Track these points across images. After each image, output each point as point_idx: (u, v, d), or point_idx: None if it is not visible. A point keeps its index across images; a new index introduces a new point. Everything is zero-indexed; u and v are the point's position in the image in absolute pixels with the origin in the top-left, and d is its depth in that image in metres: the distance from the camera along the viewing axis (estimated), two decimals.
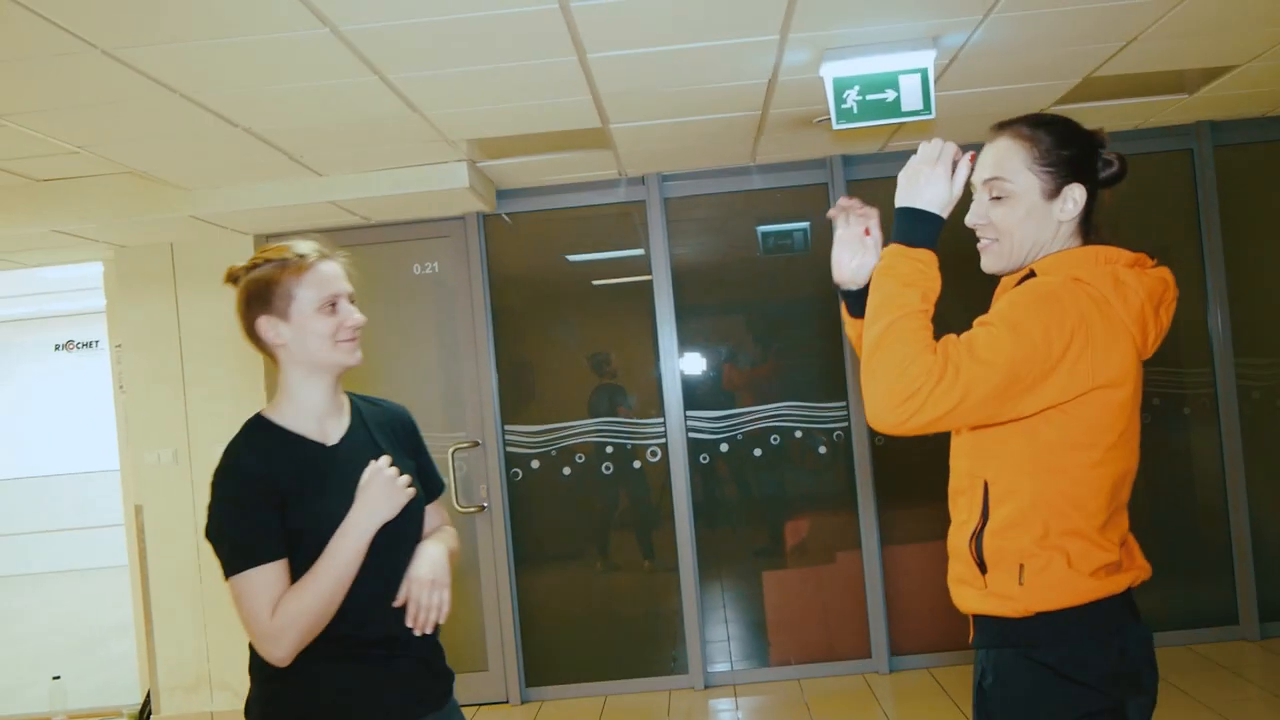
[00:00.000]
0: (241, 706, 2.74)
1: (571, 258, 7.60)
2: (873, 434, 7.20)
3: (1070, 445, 2.37)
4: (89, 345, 13.13)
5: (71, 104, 4.68)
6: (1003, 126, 2.56)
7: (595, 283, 7.71)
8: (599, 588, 7.57)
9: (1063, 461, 2.38)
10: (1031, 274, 2.46)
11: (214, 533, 2.63)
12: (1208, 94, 6.23)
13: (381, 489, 2.64)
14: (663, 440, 7.28)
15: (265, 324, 2.70)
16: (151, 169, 5.87)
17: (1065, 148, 2.49)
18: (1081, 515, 2.39)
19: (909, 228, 2.46)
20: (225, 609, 7.14)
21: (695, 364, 7.37)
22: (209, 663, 7.30)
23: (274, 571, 2.57)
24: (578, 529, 7.54)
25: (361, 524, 2.61)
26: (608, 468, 7.34)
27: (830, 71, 5.10)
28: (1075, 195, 2.48)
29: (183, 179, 6.14)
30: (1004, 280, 2.56)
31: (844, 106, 5.15)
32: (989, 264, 2.60)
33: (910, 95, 5.13)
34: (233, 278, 2.78)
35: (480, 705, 7.11)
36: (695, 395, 7.33)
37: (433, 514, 2.94)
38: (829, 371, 7.30)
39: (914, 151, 2.48)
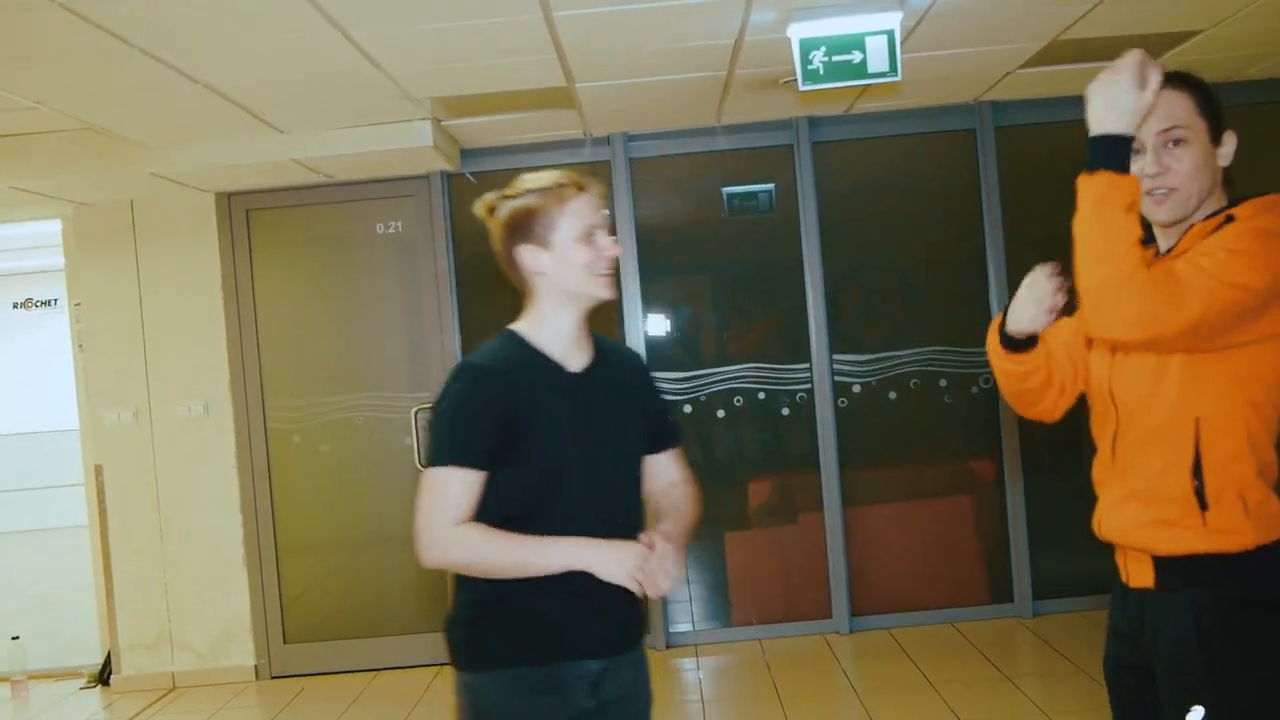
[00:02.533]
0: (201, 666, 2.74)
1: None
2: (835, 395, 7.22)
3: (1271, 384, 2.47)
4: (48, 304, 13.01)
5: (29, 58, 4.61)
6: (1166, 77, 2.52)
7: None
8: None
9: (1266, 398, 2.47)
10: (1230, 219, 2.48)
11: (435, 419, 2.71)
12: (1172, 59, 6.24)
13: (625, 562, 2.65)
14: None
15: (526, 252, 2.75)
16: (111, 125, 5.80)
17: (1214, 98, 2.57)
18: (1274, 453, 2.50)
19: (1109, 151, 2.39)
20: (186, 569, 7.15)
21: (659, 325, 7.36)
22: (170, 622, 7.27)
23: (466, 478, 2.63)
24: None
25: (582, 558, 2.64)
26: None
27: (797, 32, 5.08)
28: (1232, 141, 2.57)
29: (143, 135, 6.06)
30: (1193, 232, 2.53)
31: (810, 67, 5.13)
32: (1166, 214, 2.57)
33: (876, 57, 5.12)
34: (490, 209, 2.84)
35: (444, 664, 7.10)
36: (659, 356, 7.32)
37: (670, 465, 3.00)
38: (793, 333, 7.31)
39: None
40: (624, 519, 2.80)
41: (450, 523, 2.61)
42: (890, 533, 7.36)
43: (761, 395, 7.34)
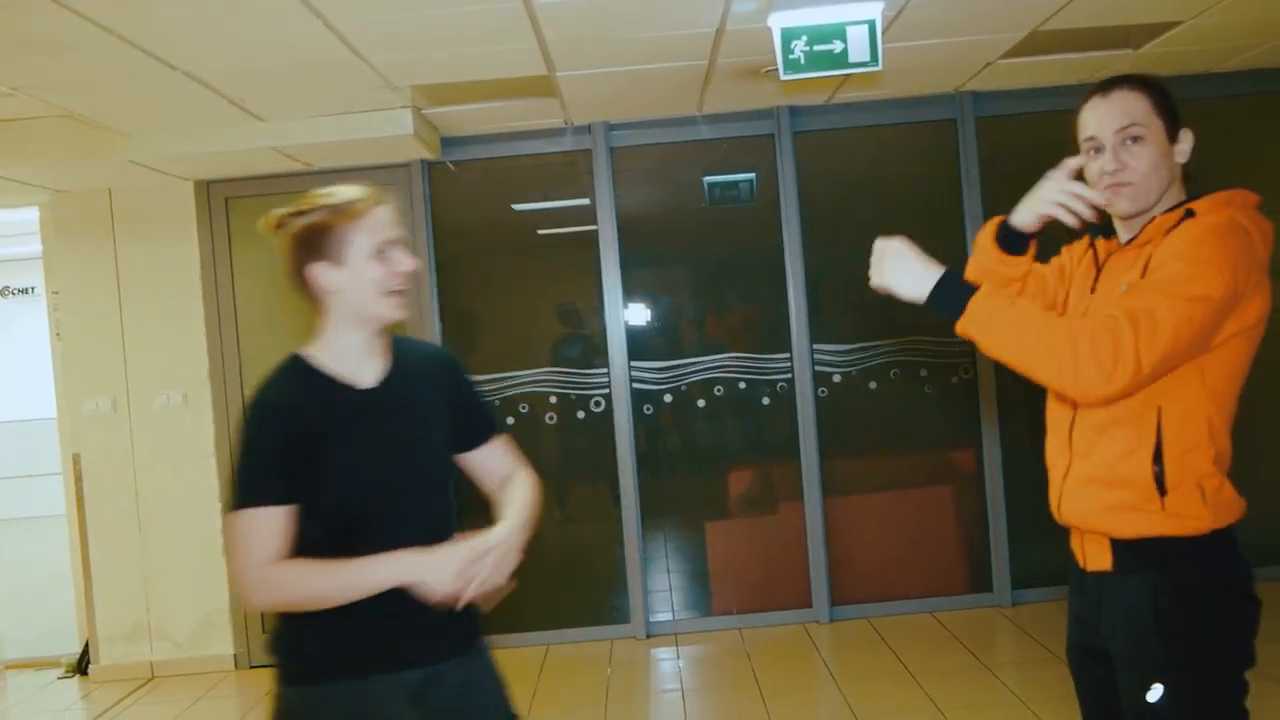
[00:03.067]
0: (180, 655, 2.73)
1: (517, 207, 7.56)
2: (816, 385, 7.23)
3: (1232, 376, 2.57)
4: (25, 291, 12.94)
5: (6, 45, 4.58)
6: (1111, 85, 2.70)
7: (540, 232, 7.68)
8: (541, 538, 7.53)
9: (1227, 389, 2.57)
10: (1189, 213, 2.59)
11: (235, 465, 2.63)
12: (1151, 50, 6.26)
13: (448, 569, 2.60)
14: (606, 391, 7.27)
15: (318, 270, 2.66)
16: (89, 113, 5.77)
17: (1170, 97, 2.69)
18: (1229, 441, 2.58)
19: (943, 296, 2.63)
20: (165, 558, 7.13)
21: (640, 314, 7.36)
22: (148, 612, 7.25)
23: (276, 516, 2.57)
24: None
25: (404, 571, 2.58)
26: (551, 418, 7.33)
27: (778, 21, 5.08)
28: (1189, 137, 2.68)
29: (122, 123, 6.04)
30: (1157, 222, 2.65)
31: (791, 57, 5.14)
32: (1126, 207, 2.69)
33: (858, 46, 5.12)
34: (278, 224, 2.72)
35: None
36: (639, 346, 7.33)
37: (497, 456, 2.99)
38: (773, 323, 7.31)
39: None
40: (436, 526, 2.76)
41: (265, 564, 2.55)
42: (870, 522, 7.38)
43: (742, 385, 7.34)
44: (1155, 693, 2.52)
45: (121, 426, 7.24)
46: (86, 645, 7.42)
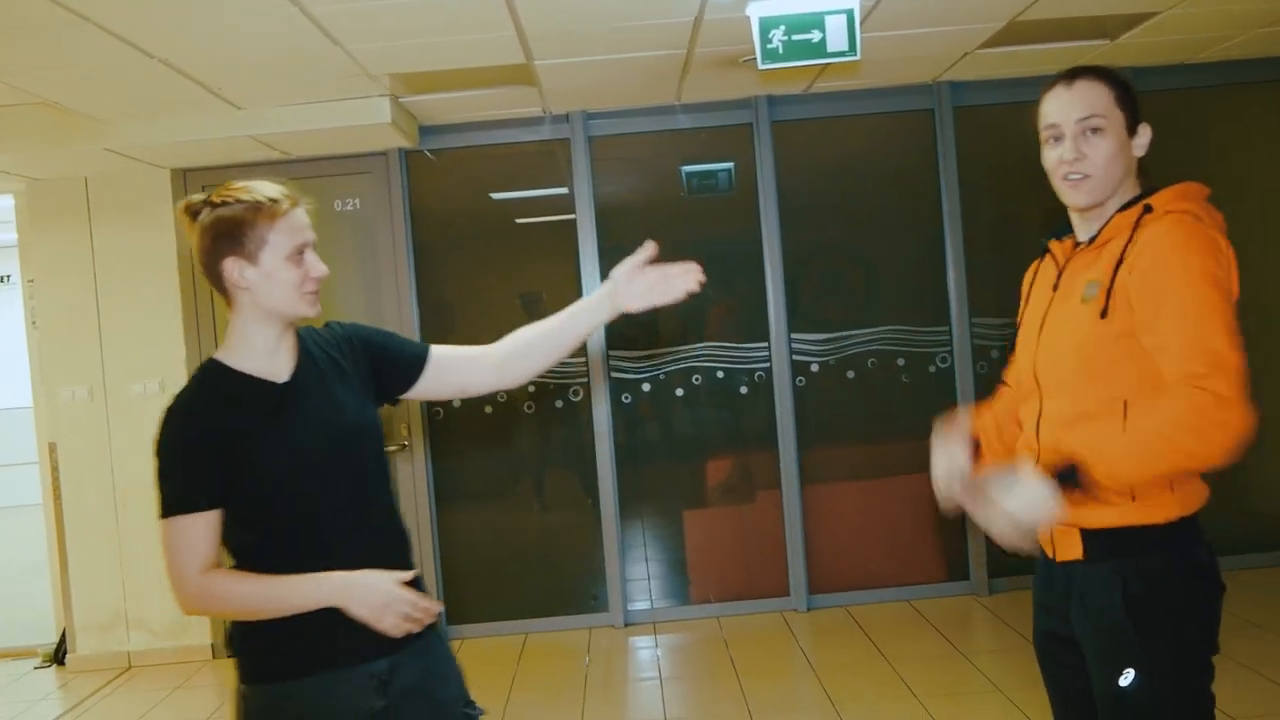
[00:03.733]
0: (157, 645, 2.73)
1: (495, 195, 7.55)
2: (794, 374, 7.24)
3: None
4: (1, 280, 12.89)
5: None
6: (1074, 75, 2.73)
7: (519, 221, 7.67)
8: (520, 526, 7.58)
9: None
10: (1148, 209, 2.61)
11: (156, 474, 2.60)
12: (1129, 40, 6.28)
13: (382, 603, 2.57)
14: (585, 380, 7.28)
15: (232, 265, 2.60)
16: (65, 100, 5.74)
17: (1131, 93, 2.72)
18: None
19: (1075, 484, 2.50)
20: (142, 547, 7.10)
21: None
22: (125, 601, 7.24)
23: (202, 521, 2.55)
24: (499, 468, 7.54)
25: (335, 595, 2.56)
26: (529, 407, 7.33)
27: (756, 11, 5.08)
28: (1146, 131, 2.72)
29: (98, 111, 6.01)
30: (1117, 220, 2.66)
31: (770, 46, 5.14)
32: (1083, 198, 2.72)
33: (836, 36, 5.13)
34: (193, 211, 2.67)
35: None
36: (618, 335, 7.33)
37: (442, 362, 2.93)
38: (751, 312, 7.32)
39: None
40: (376, 513, 2.76)
41: (196, 572, 2.54)
42: (848, 511, 7.40)
43: (720, 374, 7.35)
44: (1127, 677, 2.55)
45: (98, 415, 7.21)
46: (63, 635, 7.40)
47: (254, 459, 2.59)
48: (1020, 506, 2.49)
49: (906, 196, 7.43)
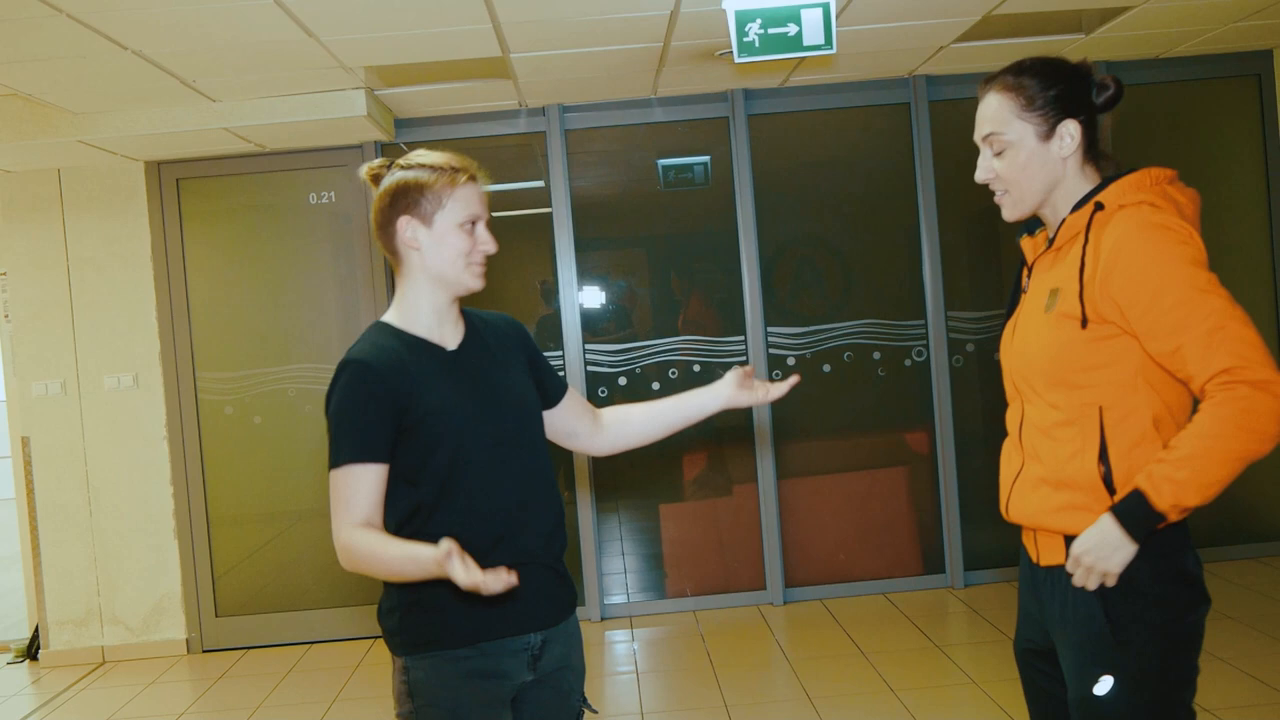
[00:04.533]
0: (132, 640, 2.71)
1: None
2: (770, 368, 7.25)
3: None
4: None
5: None
6: (989, 81, 2.71)
7: (495, 214, 7.63)
8: None
9: (1166, 379, 2.51)
10: (1099, 206, 2.55)
11: (329, 424, 2.67)
12: (1103, 35, 6.30)
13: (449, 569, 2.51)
14: (561, 373, 7.25)
15: (406, 224, 2.71)
16: (38, 92, 5.70)
17: (1051, 88, 2.62)
18: (1180, 427, 2.52)
19: (1145, 520, 2.45)
20: (116, 542, 7.08)
21: (594, 297, 7.35)
22: (99, 597, 7.20)
23: (369, 474, 2.61)
24: None
25: (433, 567, 2.44)
26: None
27: (732, 4, 5.08)
28: (1070, 131, 2.61)
29: (71, 103, 5.97)
30: (1070, 221, 2.61)
31: (746, 40, 5.14)
32: (1008, 213, 2.73)
33: (812, 29, 5.13)
34: (375, 176, 2.82)
35: (376, 637, 7.09)
36: (594, 328, 7.32)
37: (577, 404, 3.05)
38: (728, 306, 7.33)
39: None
40: (534, 479, 2.80)
41: (353, 524, 2.60)
42: (824, 505, 7.41)
43: (696, 368, 7.35)
44: (1103, 685, 2.51)
45: (71, 409, 7.18)
46: (36, 630, 7.37)
47: (428, 420, 2.63)
48: (1088, 549, 2.48)
49: (882, 190, 7.45)
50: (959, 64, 6.88)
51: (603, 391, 7.30)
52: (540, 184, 7.33)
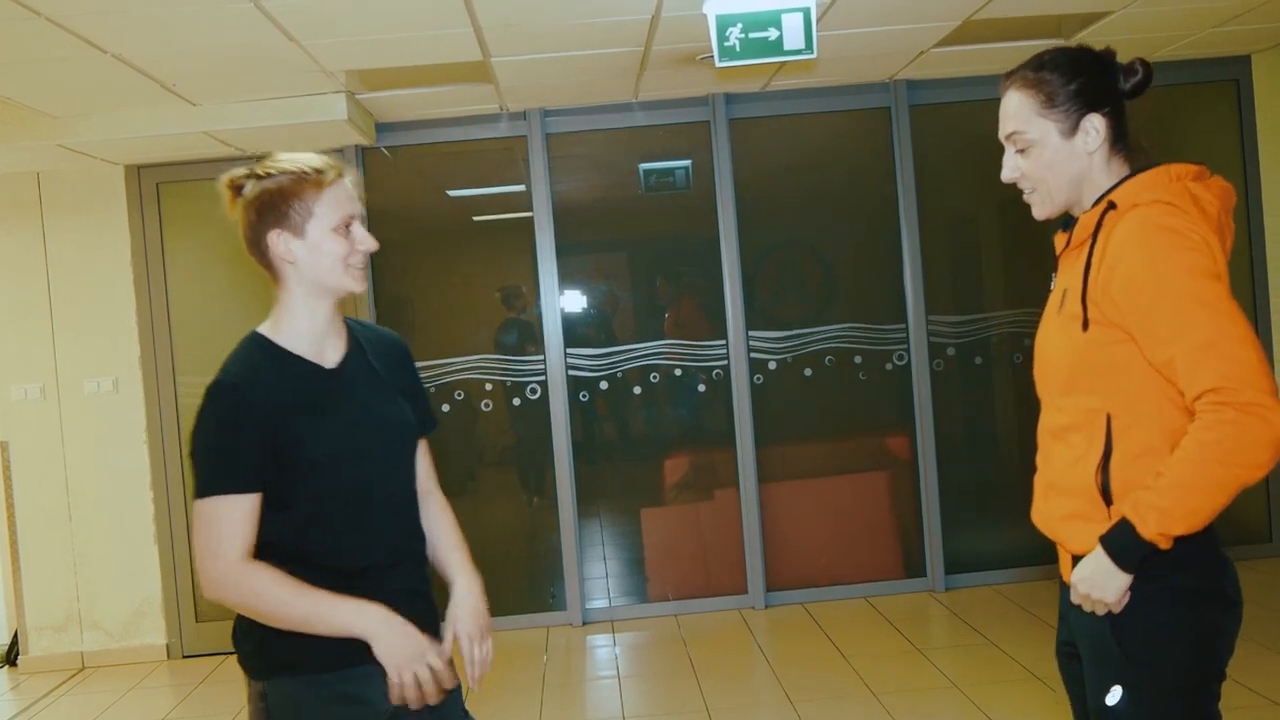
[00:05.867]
0: (112, 645, 2.68)
1: (452, 193, 7.53)
2: (751, 372, 7.25)
3: None
4: None
5: None
6: (1010, 77, 2.62)
7: (476, 219, 7.66)
8: (478, 525, 7.54)
9: None
10: (1111, 205, 2.48)
11: (194, 449, 2.54)
12: (1083, 39, 6.32)
13: (410, 654, 2.53)
14: (542, 378, 7.26)
15: (277, 238, 2.56)
16: (16, 95, 5.68)
17: (1072, 81, 2.54)
18: None
19: (1135, 550, 2.40)
20: (96, 547, 7.05)
21: (575, 301, 7.35)
22: (79, 602, 7.17)
23: (240, 505, 2.49)
24: (457, 466, 7.51)
25: (365, 630, 2.49)
26: (487, 405, 7.32)
27: (713, 8, 5.09)
28: (1094, 126, 2.54)
29: (50, 106, 5.95)
30: (1083, 220, 2.54)
31: (727, 44, 5.15)
32: (1038, 212, 2.64)
33: (793, 34, 5.14)
34: (236, 186, 2.60)
35: None
36: (575, 333, 7.32)
37: (422, 455, 2.87)
38: (709, 310, 7.33)
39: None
40: (405, 506, 2.74)
41: (231, 558, 2.48)
42: (806, 509, 7.42)
43: (678, 372, 7.36)
44: (1114, 695, 2.48)
45: (51, 413, 7.15)
46: (15, 635, 7.33)
47: (301, 441, 2.53)
48: (1083, 578, 2.45)
49: (863, 194, 7.47)
50: (939, 69, 6.90)
51: (584, 395, 7.29)
52: (521, 188, 7.33)
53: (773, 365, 7.32)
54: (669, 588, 7.41)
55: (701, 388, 7.37)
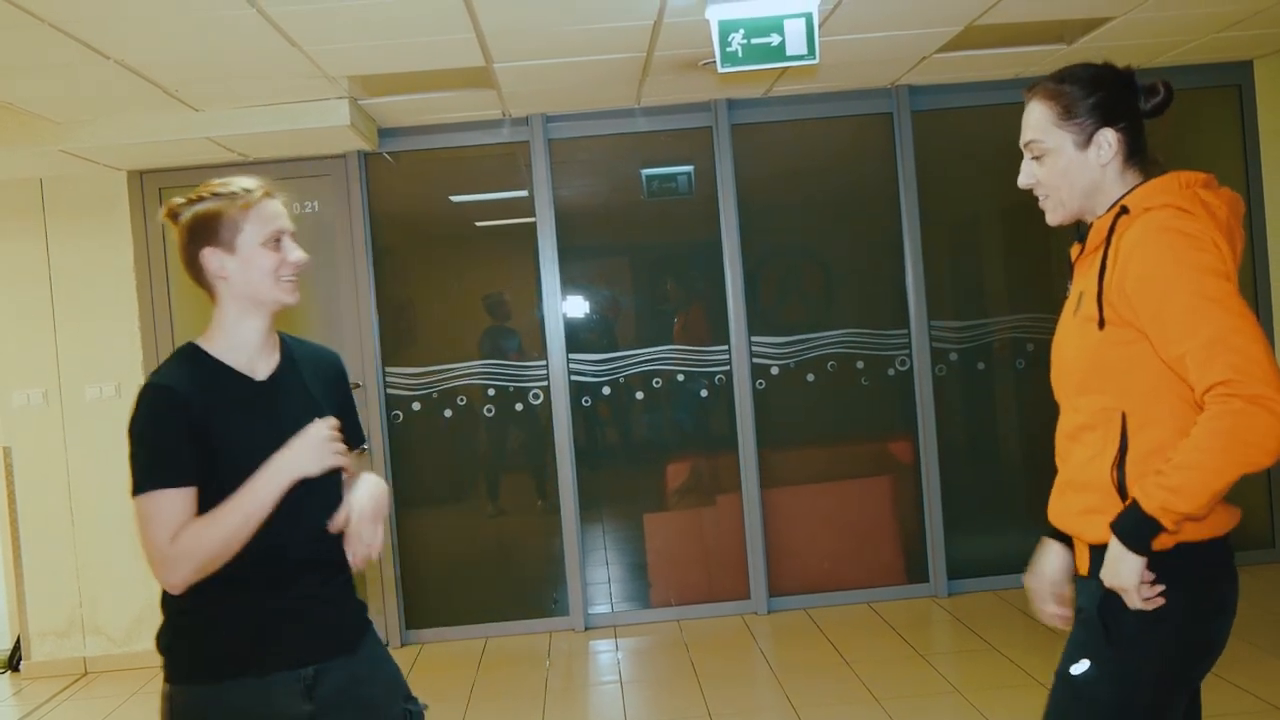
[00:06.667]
0: (115, 651, 2.71)
1: (455, 198, 7.53)
2: (754, 377, 7.25)
3: None
4: None
5: None
6: (1033, 87, 2.70)
7: (479, 224, 7.66)
8: (480, 530, 7.57)
9: None
10: (1124, 210, 2.55)
11: (130, 452, 2.63)
12: (1085, 45, 6.32)
13: (316, 444, 2.64)
14: (545, 383, 7.26)
15: (210, 255, 2.68)
16: (19, 101, 5.69)
17: (1090, 95, 2.62)
18: None
19: (1146, 533, 2.43)
20: (99, 552, 7.04)
21: (578, 307, 7.35)
22: (81, 607, 7.17)
23: (179, 497, 2.56)
24: (459, 472, 7.52)
25: (283, 470, 2.60)
26: (489, 410, 7.32)
27: (716, 14, 5.09)
28: (1107, 140, 2.62)
29: (54, 112, 5.95)
30: (1097, 224, 2.62)
31: (729, 50, 5.15)
32: (1050, 218, 2.73)
33: (795, 39, 5.14)
34: (173, 214, 2.74)
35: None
36: (577, 338, 7.32)
37: (353, 465, 2.93)
38: (711, 315, 7.33)
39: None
40: (324, 517, 2.76)
41: (168, 542, 2.57)
42: (808, 514, 7.41)
43: (680, 377, 7.36)
44: (1080, 666, 2.54)
45: (53, 419, 7.15)
46: (18, 641, 7.33)
47: (225, 448, 2.61)
48: (1104, 569, 2.48)
49: (865, 200, 7.47)
50: (941, 74, 6.90)
51: (586, 401, 7.30)
52: (524, 193, 7.33)
53: (775, 370, 7.32)
54: (671, 593, 7.40)
55: (704, 393, 7.37)
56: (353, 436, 2.93)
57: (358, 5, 4.68)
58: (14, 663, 7.34)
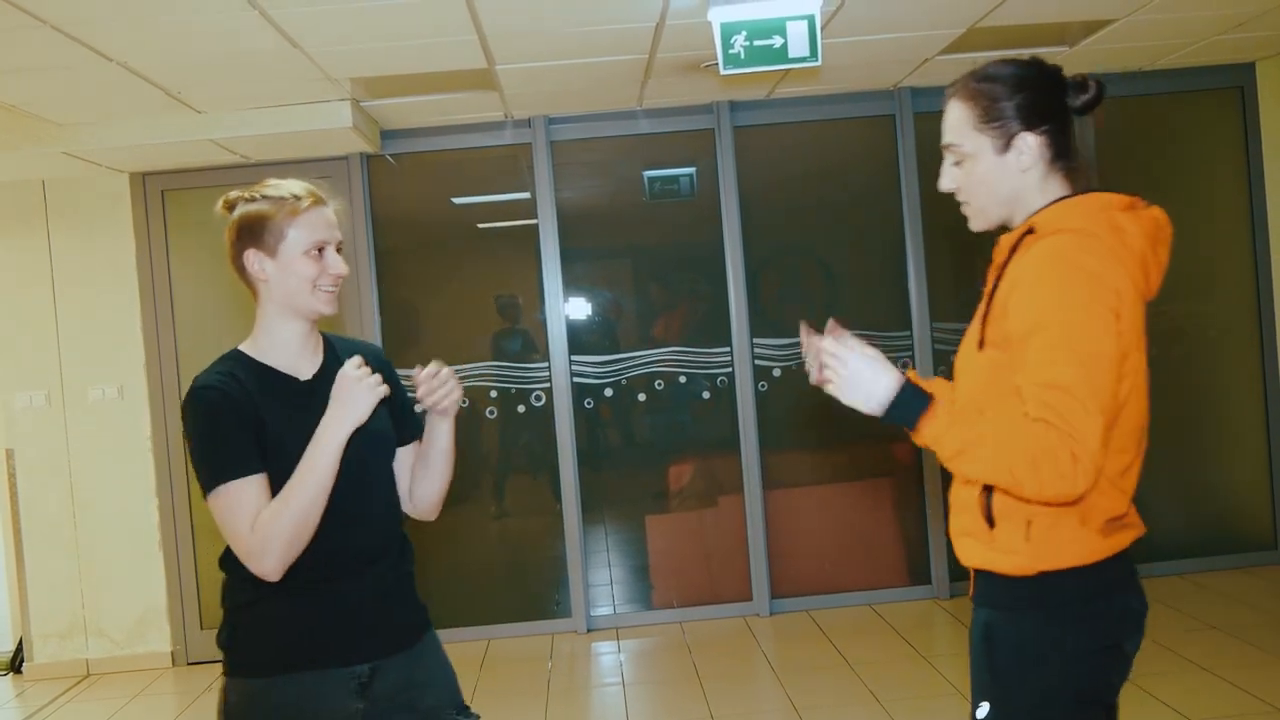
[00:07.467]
0: (117, 653, 2.71)
1: (457, 200, 7.54)
2: (756, 379, 7.25)
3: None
4: None
5: None
6: (953, 86, 2.56)
7: (481, 225, 7.66)
8: (482, 532, 7.57)
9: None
10: (1030, 230, 2.42)
11: (192, 456, 2.63)
12: (1087, 48, 6.32)
13: (351, 389, 2.61)
14: (547, 385, 7.27)
15: (252, 257, 2.70)
16: (22, 103, 5.69)
17: (1012, 97, 2.46)
18: (1111, 485, 2.38)
19: (902, 414, 2.38)
20: (101, 554, 7.05)
21: (580, 308, 7.36)
22: (84, 609, 7.18)
23: (250, 485, 2.56)
24: (461, 473, 7.47)
25: (333, 427, 2.59)
26: (492, 412, 7.32)
27: (718, 16, 5.09)
28: (1026, 144, 2.45)
29: (56, 114, 5.96)
30: (1002, 241, 2.51)
31: (731, 52, 5.15)
32: (973, 224, 2.61)
33: (797, 41, 5.14)
34: (229, 205, 2.76)
35: None
36: (580, 340, 7.33)
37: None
38: (713, 317, 7.34)
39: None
40: (383, 512, 2.83)
41: (251, 531, 2.56)
42: (810, 516, 7.42)
43: (682, 379, 7.36)
44: (982, 710, 2.47)
45: (56, 420, 7.15)
46: (20, 643, 7.33)
47: (275, 447, 2.61)
48: (848, 379, 2.45)
49: (868, 202, 7.47)
50: (944, 76, 6.90)
51: (588, 402, 7.30)
52: (526, 195, 7.33)
53: (777, 372, 7.32)
54: (674, 595, 7.41)
55: (706, 394, 7.37)
56: (407, 428, 2.97)
57: (360, 7, 4.68)
58: (16, 664, 7.34)
